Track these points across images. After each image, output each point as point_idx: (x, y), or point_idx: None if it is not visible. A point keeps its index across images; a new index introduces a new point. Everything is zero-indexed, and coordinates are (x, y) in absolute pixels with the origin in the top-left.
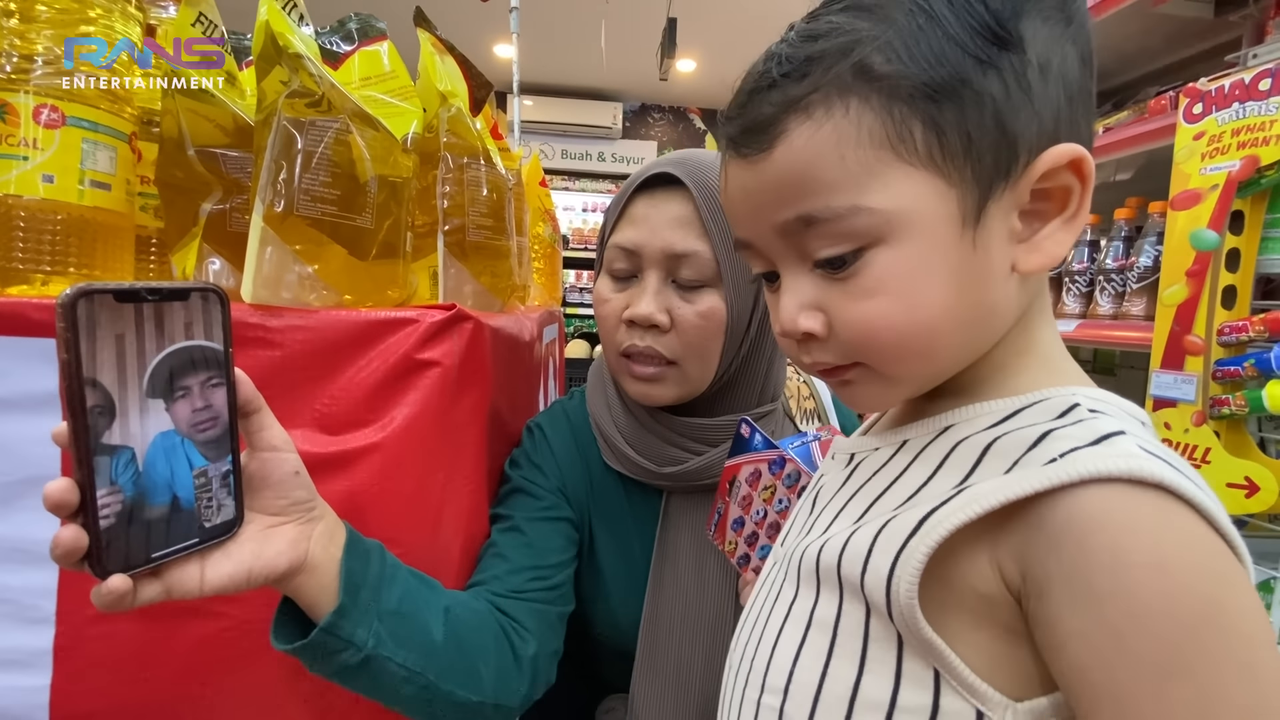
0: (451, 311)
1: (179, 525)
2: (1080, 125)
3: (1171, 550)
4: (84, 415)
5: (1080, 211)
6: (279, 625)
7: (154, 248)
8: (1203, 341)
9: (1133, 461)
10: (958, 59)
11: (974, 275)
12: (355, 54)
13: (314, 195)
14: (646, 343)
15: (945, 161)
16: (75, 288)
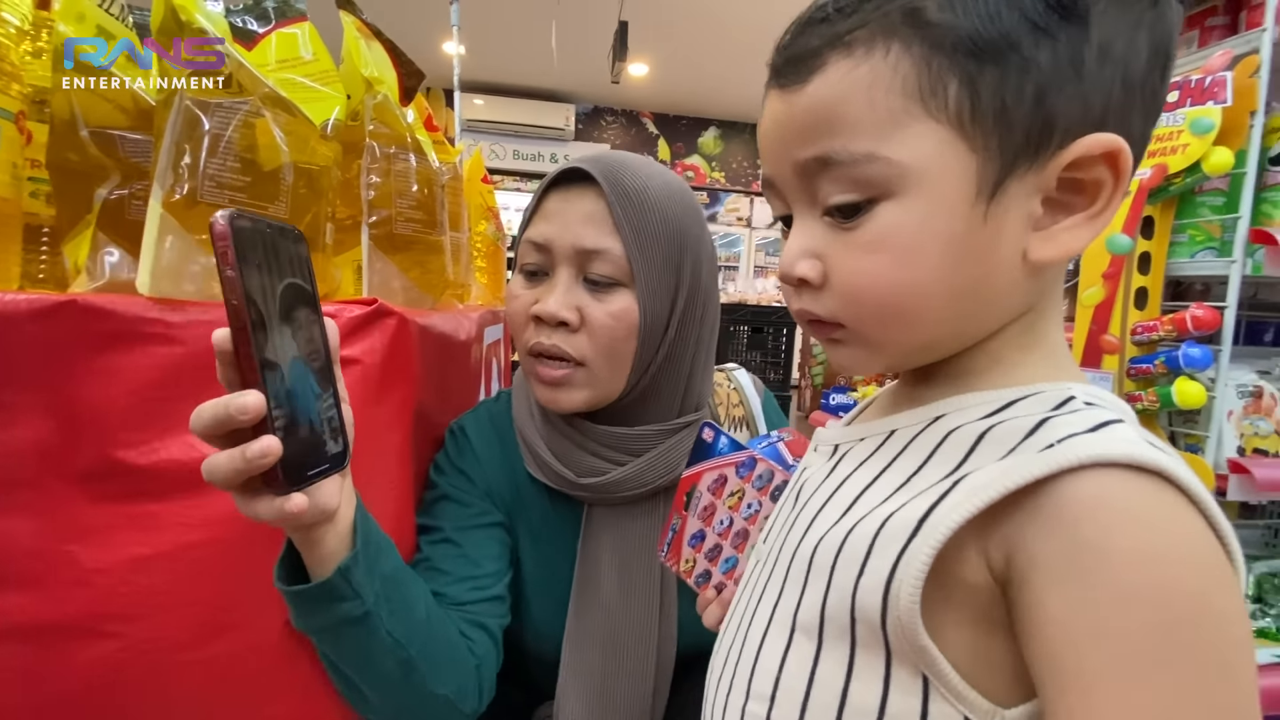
0: (372, 306)
1: (316, 449)
2: (1133, 120)
3: (1166, 541)
4: (252, 328)
5: (1108, 209)
6: (281, 573)
7: (45, 237)
8: (1117, 341)
9: (1132, 448)
10: (1014, 20)
11: (977, 250)
12: (271, 35)
13: (220, 182)
14: (554, 341)
15: (973, 124)
16: (227, 211)
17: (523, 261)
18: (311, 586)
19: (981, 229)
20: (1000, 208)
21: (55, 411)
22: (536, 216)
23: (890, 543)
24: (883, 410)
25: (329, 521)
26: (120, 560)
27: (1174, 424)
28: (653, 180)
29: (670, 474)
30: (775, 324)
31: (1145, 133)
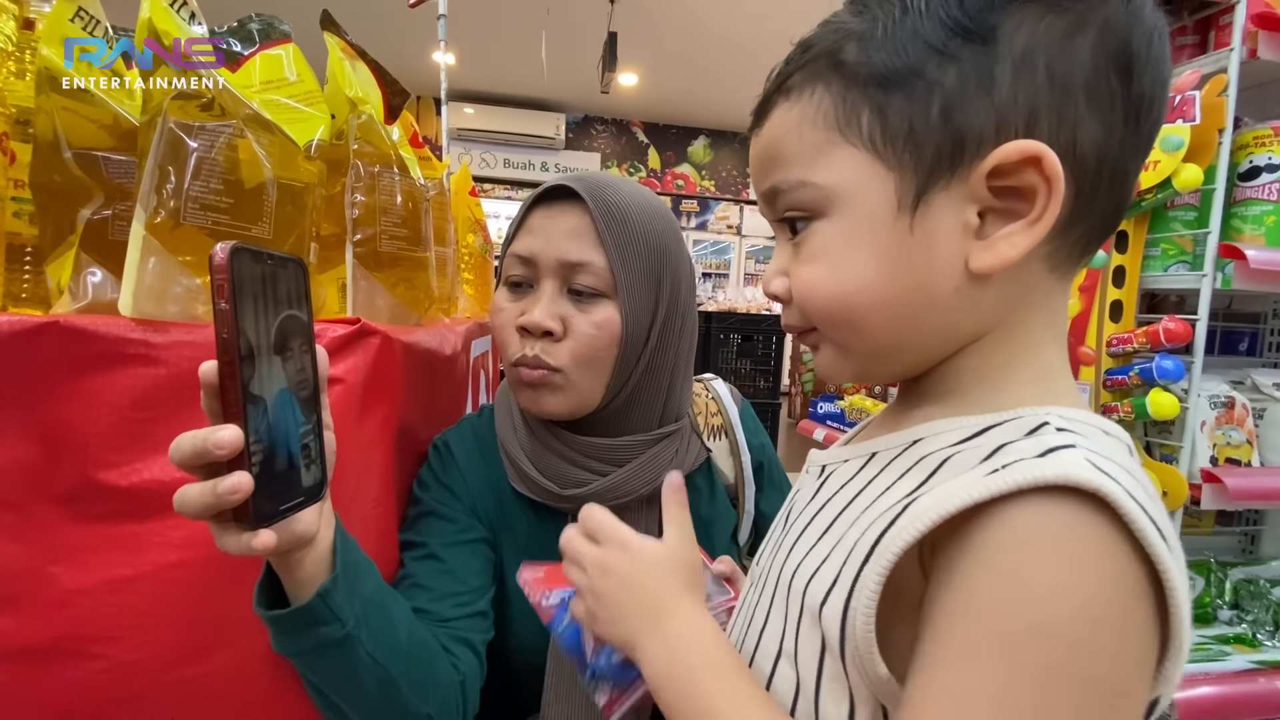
0: (355, 325)
1: (293, 482)
2: (1077, 124)
3: (1065, 575)
4: (239, 363)
5: (1045, 215)
6: (260, 597)
7: (28, 257)
8: (1094, 352)
9: (1070, 470)
10: (918, 49)
11: (908, 261)
12: (256, 56)
13: (204, 204)
14: (536, 352)
15: (885, 146)
16: (229, 243)
17: (508, 274)
18: (290, 611)
19: (909, 240)
20: (927, 219)
21: (36, 432)
22: (521, 231)
23: (849, 571)
24: (876, 430)
25: (307, 546)
26: (102, 581)
27: (1149, 434)
28: (634, 198)
29: (653, 483)
30: (765, 332)
31: (1101, 134)
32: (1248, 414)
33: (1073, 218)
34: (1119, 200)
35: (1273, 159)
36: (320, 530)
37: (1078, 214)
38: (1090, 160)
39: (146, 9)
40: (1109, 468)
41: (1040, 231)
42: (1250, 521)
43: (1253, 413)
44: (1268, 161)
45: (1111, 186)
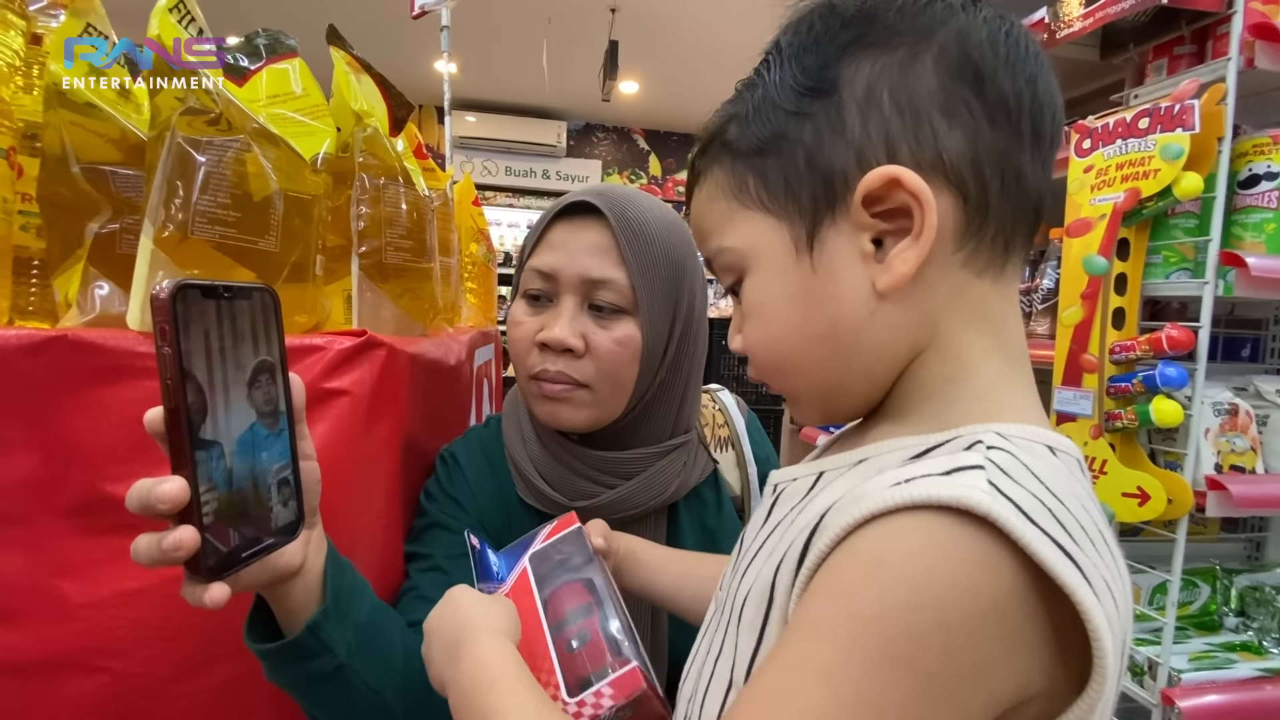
0: (362, 338)
1: (259, 525)
2: (938, 139)
3: (921, 576)
4: (185, 410)
5: (924, 228)
6: (251, 630)
7: (35, 270)
8: (1096, 360)
9: (961, 492)
10: (778, 117)
11: (819, 296)
12: (262, 71)
13: (211, 218)
14: (559, 367)
15: (771, 202)
16: (172, 281)
17: (526, 288)
18: (279, 646)
19: (814, 277)
20: (825, 256)
21: (44, 445)
22: (542, 246)
23: (781, 593)
24: (834, 448)
25: (294, 578)
26: (108, 594)
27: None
28: (653, 213)
29: (661, 495)
30: None
31: (997, 135)
32: (1251, 421)
33: (974, 221)
34: (1025, 195)
35: (1272, 167)
36: (308, 559)
37: (977, 217)
38: (964, 167)
39: (155, 25)
40: (1013, 490)
41: (926, 243)
42: (1255, 528)
43: (1256, 419)
44: (1267, 169)
45: (1004, 184)
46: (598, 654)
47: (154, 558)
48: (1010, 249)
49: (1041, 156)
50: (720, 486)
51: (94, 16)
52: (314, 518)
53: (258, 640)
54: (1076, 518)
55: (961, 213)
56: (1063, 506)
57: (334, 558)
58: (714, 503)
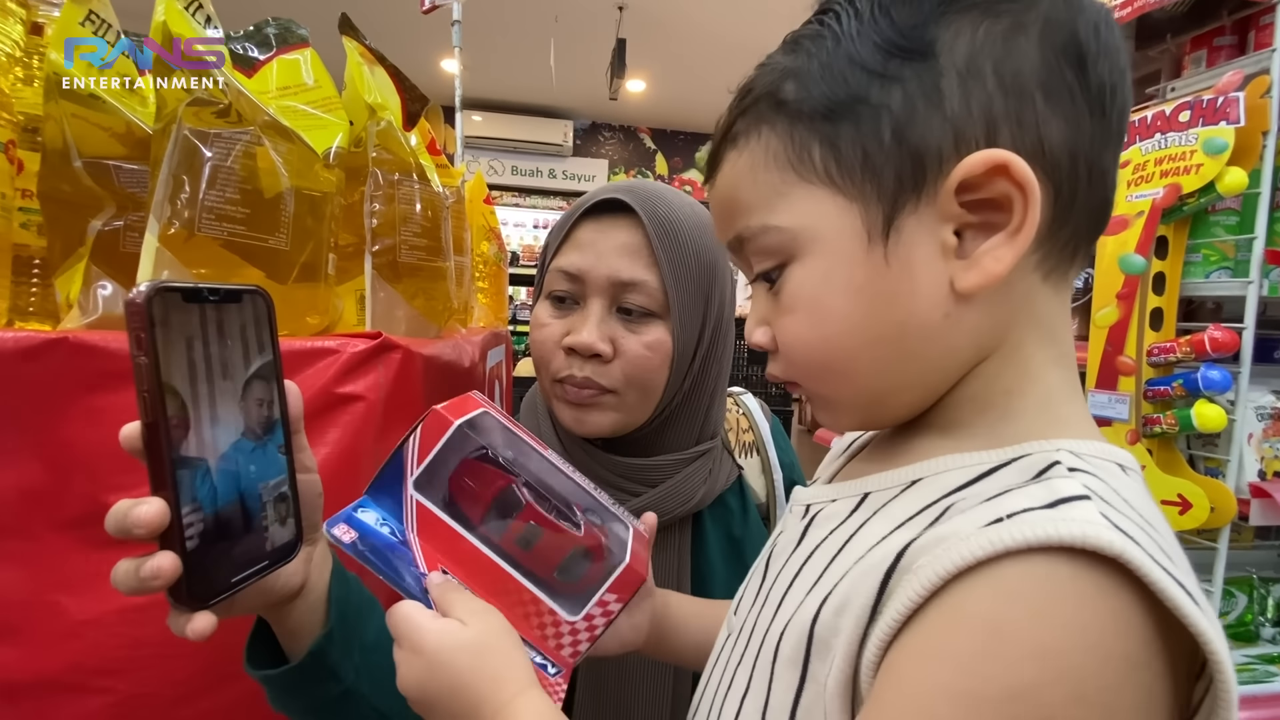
0: (377, 340)
1: (251, 547)
2: (1040, 125)
3: (1052, 645)
4: (165, 425)
5: (1025, 223)
6: (251, 654)
7: (36, 269)
8: (1133, 362)
9: (1089, 530)
10: (858, 78)
11: (888, 293)
12: (273, 61)
13: (219, 214)
14: (585, 373)
15: (843, 178)
16: (148, 284)
17: (552, 289)
18: (281, 673)
19: (886, 271)
20: (901, 247)
21: (44, 454)
22: (568, 245)
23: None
24: (868, 463)
25: (296, 598)
26: (110, 610)
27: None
28: (684, 211)
29: (687, 503)
30: None
31: (1093, 127)
32: None
33: (1056, 220)
34: (1102, 196)
35: None
36: (310, 578)
37: (1061, 216)
38: (1062, 159)
39: (161, 12)
40: (1127, 525)
41: (1024, 241)
42: None
43: None
44: None
45: (1091, 182)
46: (567, 542)
47: (132, 586)
48: (1077, 254)
49: (1115, 156)
50: (745, 493)
51: (96, 3)
52: (316, 533)
53: (260, 666)
54: (1173, 554)
55: (1051, 210)
56: (1161, 535)
57: (339, 574)
58: (739, 510)
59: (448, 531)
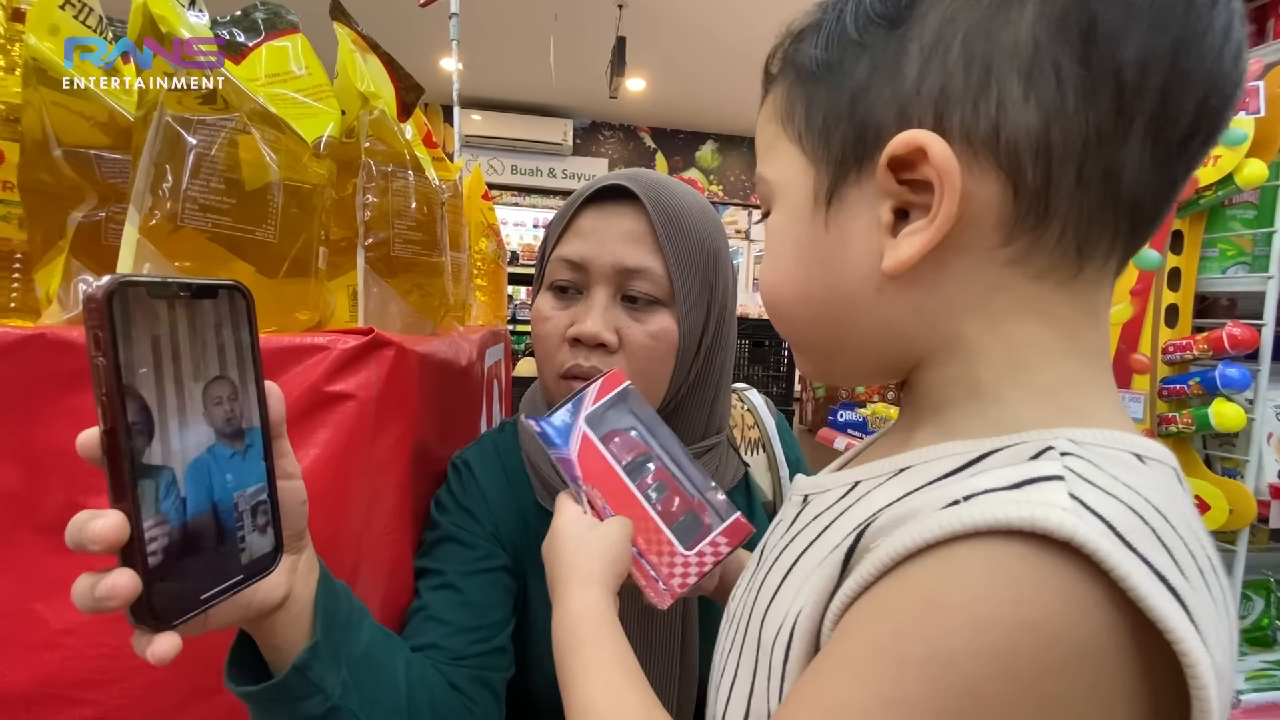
0: (368, 337)
1: (223, 560)
2: (1001, 110)
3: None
4: (125, 431)
5: (940, 211)
6: (232, 668)
7: (17, 263)
8: (1148, 360)
9: (1038, 512)
10: (843, 42)
11: (823, 257)
12: (261, 48)
13: (203, 205)
14: (592, 363)
15: (807, 140)
16: (110, 278)
17: (554, 279)
18: (264, 688)
19: (824, 236)
20: (840, 215)
21: (21, 455)
22: (570, 233)
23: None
24: (872, 453)
25: (278, 610)
26: (90, 620)
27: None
28: (688, 198)
29: None
30: (776, 337)
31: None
32: None
33: (1029, 216)
34: (1114, 196)
35: None
36: (294, 589)
37: (1034, 212)
38: (1024, 151)
39: None
40: (1103, 505)
41: (938, 230)
42: None
43: None
44: None
45: (1084, 180)
46: (687, 503)
47: (88, 604)
48: (1085, 254)
49: (1165, 151)
50: (752, 490)
51: None
52: (300, 541)
53: (241, 681)
54: (1184, 540)
55: (1010, 204)
56: (1167, 525)
57: (327, 583)
58: (745, 508)
59: (602, 463)
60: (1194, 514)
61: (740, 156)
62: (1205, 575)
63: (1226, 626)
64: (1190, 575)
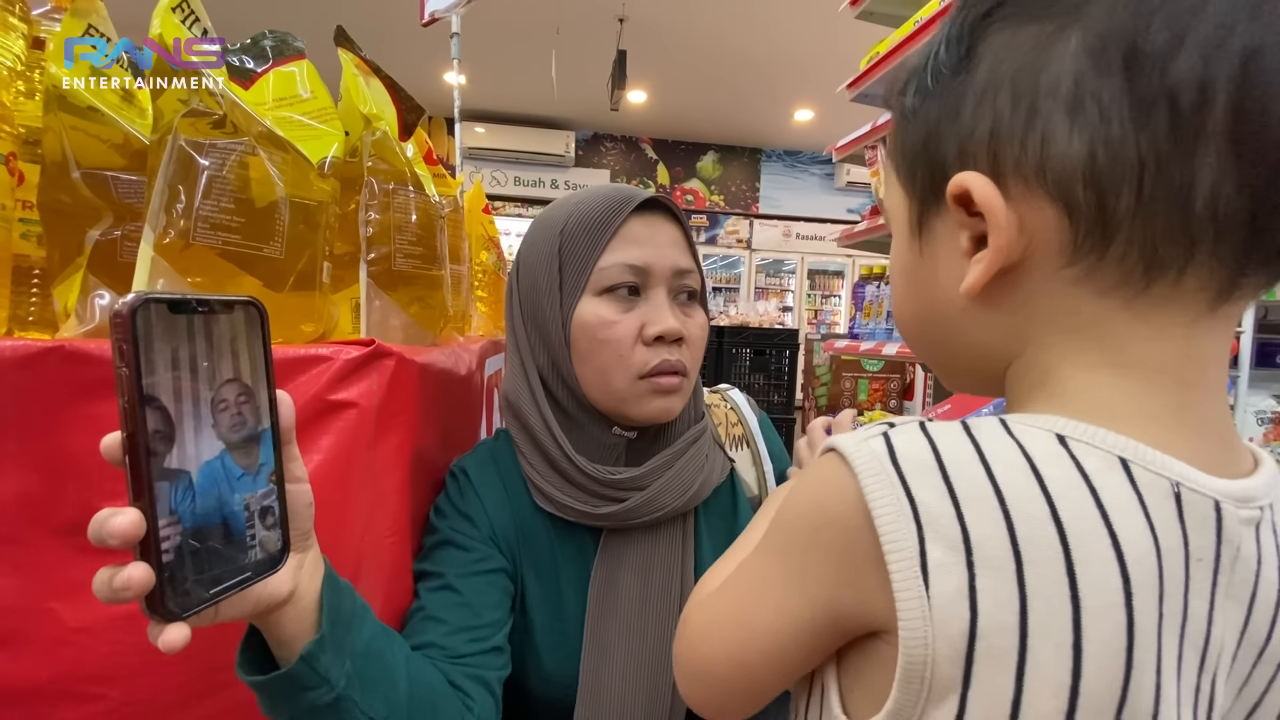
0: (370, 347)
1: (234, 558)
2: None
3: (806, 491)
4: (145, 436)
5: (994, 245)
6: (244, 659)
7: (36, 279)
8: None
9: (841, 439)
10: (922, 88)
11: (921, 280)
12: (269, 74)
13: (215, 223)
14: (678, 356)
15: (903, 173)
16: (134, 295)
17: (615, 282)
18: (273, 678)
19: (920, 260)
20: (931, 243)
21: (39, 461)
22: (624, 241)
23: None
24: None
25: (285, 605)
26: (104, 617)
27: None
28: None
29: (686, 493)
30: (778, 346)
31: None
32: None
33: (1091, 237)
34: (1185, 209)
35: None
36: (300, 586)
37: (1095, 232)
38: (1073, 180)
39: (157, 25)
40: (904, 444)
41: (999, 257)
42: None
43: None
44: None
45: (1146, 197)
46: None
47: (106, 595)
48: (1153, 271)
49: (1258, 159)
50: (737, 487)
51: (95, 18)
52: (306, 540)
53: (251, 671)
54: (1006, 504)
55: (1068, 229)
56: (985, 482)
57: (332, 581)
58: (731, 503)
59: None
60: (1070, 498)
61: (740, 167)
62: (1027, 543)
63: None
64: (976, 521)
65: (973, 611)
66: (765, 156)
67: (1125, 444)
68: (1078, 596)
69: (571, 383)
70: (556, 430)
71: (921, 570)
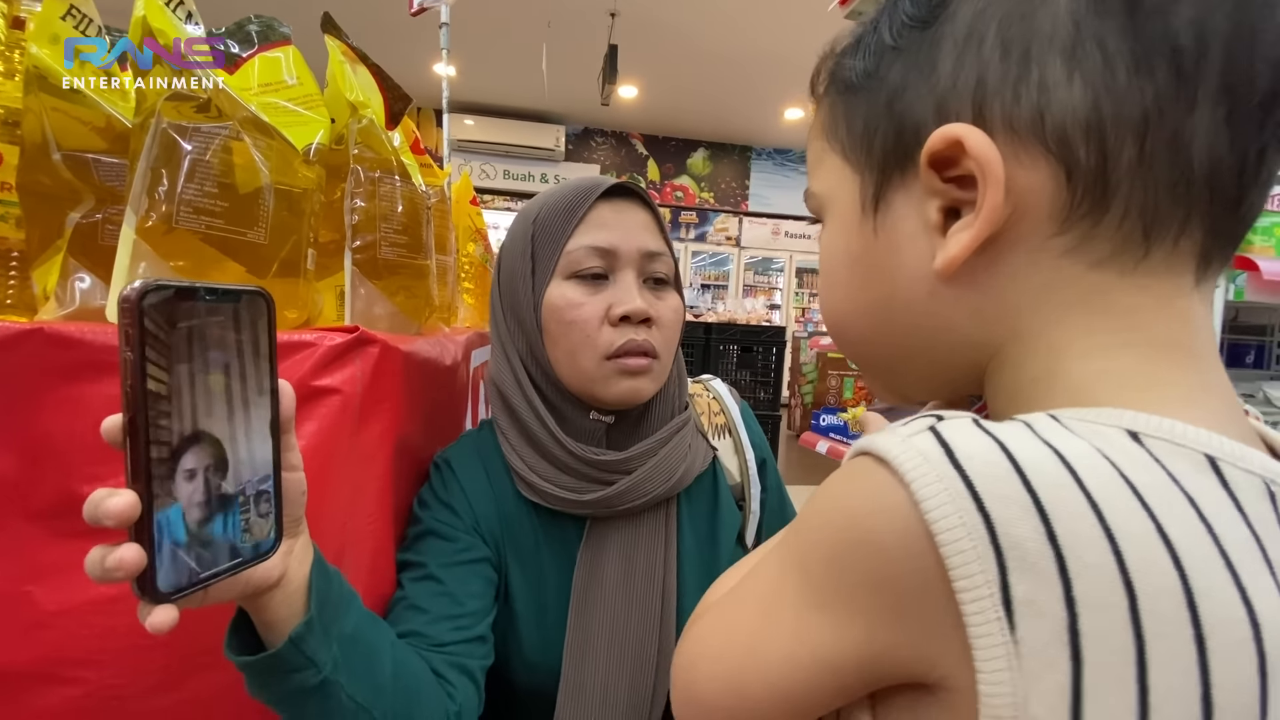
0: (354, 334)
1: (225, 543)
2: (1044, 92)
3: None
4: (145, 420)
5: (984, 205)
6: (232, 640)
7: (15, 262)
8: None
9: (876, 439)
10: (879, 50)
11: (876, 266)
12: (254, 59)
13: (197, 208)
14: (644, 336)
15: (850, 148)
16: (141, 282)
17: (582, 267)
18: (261, 659)
19: (874, 243)
20: (888, 220)
21: (17, 444)
22: (588, 226)
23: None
24: None
25: (274, 589)
26: (83, 601)
27: None
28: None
29: (670, 479)
30: (765, 343)
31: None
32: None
33: (1087, 200)
34: (1184, 166)
35: None
36: (289, 570)
37: (1092, 194)
38: (1074, 132)
39: (141, 8)
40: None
41: (985, 223)
42: None
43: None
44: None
45: (1148, 154)
46: None
47: (98, 574)
48: (1154, 236)
49: (1242, 117)
50: (719, 475)
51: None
52: (298, 527)
53: (240, 652)
54: (1102, 512)
55: (1064, 189)
56: (1074, 484)
57: (320, 566)
58: (713, 491)
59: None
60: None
61: (731, 164)
62: (1139, 573)
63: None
64: (1073, 544)
65: (1076, 662)
66: (755, 154)
67: (1208, 439)
68: (1202, 637)
69: (546, 367)
70: (542, 410)
71: (1005, 609)
